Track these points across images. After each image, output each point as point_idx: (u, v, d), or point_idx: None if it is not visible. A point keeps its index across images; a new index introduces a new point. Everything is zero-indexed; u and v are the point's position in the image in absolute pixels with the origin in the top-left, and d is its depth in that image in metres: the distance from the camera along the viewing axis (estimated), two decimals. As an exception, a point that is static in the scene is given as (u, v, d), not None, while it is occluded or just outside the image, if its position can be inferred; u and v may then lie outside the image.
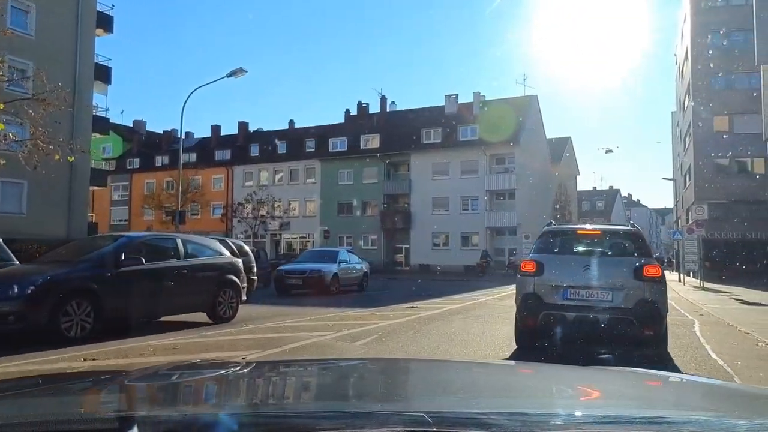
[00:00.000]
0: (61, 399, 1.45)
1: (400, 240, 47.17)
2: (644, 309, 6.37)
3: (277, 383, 1.80)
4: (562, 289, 6.67)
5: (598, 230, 7.94)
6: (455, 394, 1.64)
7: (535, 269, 6.89)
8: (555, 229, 7.98)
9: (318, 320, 10.38)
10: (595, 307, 6.52)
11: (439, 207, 45.15)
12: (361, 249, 46.56)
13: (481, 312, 12.49)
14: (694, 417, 1.26)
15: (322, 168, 50.32)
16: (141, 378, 1.82)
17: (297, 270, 16.49)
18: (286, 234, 51.55)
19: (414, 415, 1.12)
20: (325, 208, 49.28)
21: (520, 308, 6.98)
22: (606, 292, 6.57)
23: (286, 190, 51.54)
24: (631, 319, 6.41)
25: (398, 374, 2.01)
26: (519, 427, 1.07)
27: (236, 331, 8.72)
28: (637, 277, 6.54)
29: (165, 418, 1.13)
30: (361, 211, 48.25)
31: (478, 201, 43.90)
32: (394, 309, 12.47)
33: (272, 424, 1.09)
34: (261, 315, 10.92)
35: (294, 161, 51.54)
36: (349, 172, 49.10)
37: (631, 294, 6.49)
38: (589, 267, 6.74)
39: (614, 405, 1.51)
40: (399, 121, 50.12)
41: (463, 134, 45.07)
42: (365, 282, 18.88)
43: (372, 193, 47.76)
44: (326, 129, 53.08)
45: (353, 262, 18.29)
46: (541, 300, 6.70)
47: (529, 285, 6.86)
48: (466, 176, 44.11)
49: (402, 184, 47.21)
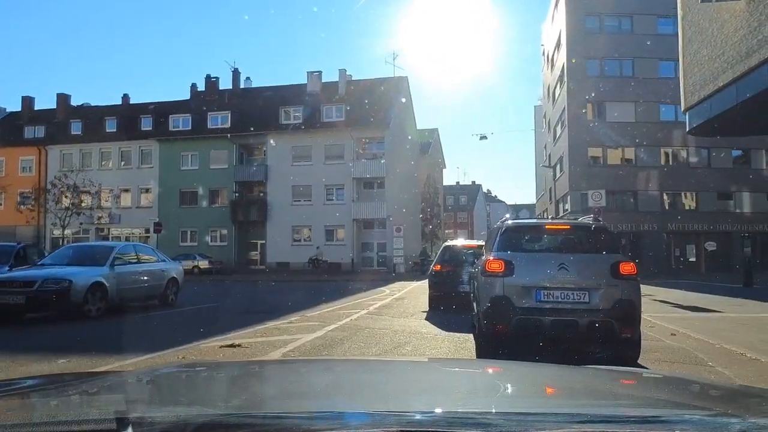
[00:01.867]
0: (57, 399, 1.48)
1: (255, 235, 40.82)
2: (622, 309, 5.91)
3: (272, 384, 1.81)
4: (535, 290, 6.03)
5: (567, 225, 7.31)
6: (450, 393, 1.65)
7: (504, 269, 6.12)
8: (520, 223, 7.37)
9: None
10: (572, 309, 5.96)
11: (300, 196, 39.49)
12: (209, 246, 39.75)
13: (358, 347, 7.29)
14: (687, 416, 1.25)
15: (161, 150, 42.32)
16: (136, 378, 1.84)
17: (18, 279, 9.66)
18: (116, 228, 42.89)
19: (409, 415, 1.15)
20: (165, 197, 41.45)
21: (487, 314, 6.17)
22: (582, 292, 6.01)
23: (115, 176, 42.86)
24: (610, 321, 5.88)
25: (393, 374, 2.02)
26: (515, 427, 1.06)
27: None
28: (614, 275, 6.01)
29: (159, 418, 1.11)
30: (208, 201, 41.10)
31: (344, 190, 38.87)
32: (190, 351, 6.80)
33: (267, 425, 1.07)
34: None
35: (126, 141, 42.95)
36: (194, 155, 41.70)
37: (609, 294, 5.99)
38: (564, 265, 6.05)
39: (607, 404, 1.52)
40: (254, 99, 43.66)
41: (327, 115, 39.78)
42: (171, 293, 12.72)
43: (221, 180, 40.86)
44: (168, 106, 45.07)
45: (145, 265, 11.97)
46: (512, 303, 5.99)
47: (498, 287, 6.11)
48: (331, 162, 38.90)
49: (257, 170, 40.80)
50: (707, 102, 14.26)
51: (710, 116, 14.25)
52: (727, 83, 13.06)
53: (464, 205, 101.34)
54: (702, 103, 14.52)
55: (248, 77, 47.08)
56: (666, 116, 36.63)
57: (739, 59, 12.51)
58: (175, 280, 13.02)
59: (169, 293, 12.76)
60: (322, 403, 1.44)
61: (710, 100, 14.11)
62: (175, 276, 13.01)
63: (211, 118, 41.93)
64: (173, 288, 12.93)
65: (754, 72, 12.03)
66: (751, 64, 12.01)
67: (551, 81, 45.50)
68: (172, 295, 12.86)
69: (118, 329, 8.82)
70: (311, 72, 44.07)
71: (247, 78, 47.17)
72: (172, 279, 12.85)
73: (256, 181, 41.01)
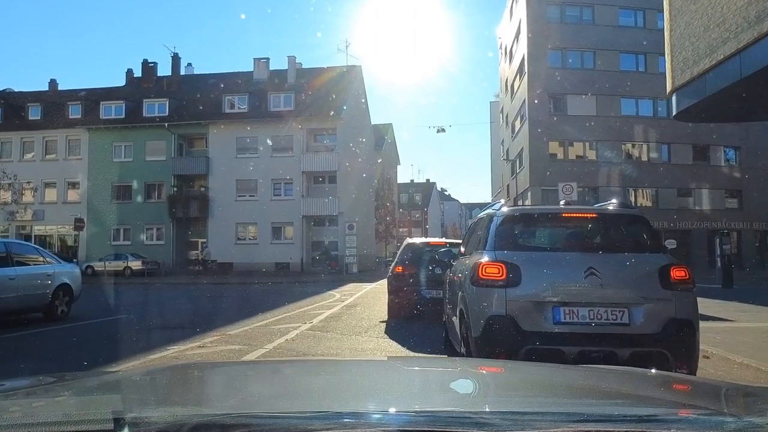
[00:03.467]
0: (54, 399, 1.47)
1: (196, 233, 37.63)
2: (678, 334, 4.20)
3: (268, 384, 1.78)
4: (551, 306, 4.25)
5: (594, 213, 5.10)
6: (447, 393, 1.66)
7: (505, 276, 4.31)
8: (524, 211, 5.44)
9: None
10: (608, 334, 4.17)
11: (245, 191, 36.54)
12: (144, 245, 36.35)
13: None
14: (683, 415, 1.26)
15: (90, 140, 38.54)
16: (133, 378, 1.84)
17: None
18: (40, 225, 38.87)
19: (405, 415, 1.16)
20: (95, 191, 37.77)
21: (482, 343, 4.35)
22: (620, 310, 4.22)
23: (39, 169, 38.84)
24: (662, 351, 4.14)
25: (389, 374, 1.99)
26: (511, 426, 1.05)
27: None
28: (664, 284, 4.29)
29: (156, 418, 1.10)
30: (143, 195, 37.63)
31: (293, 184, 36.16)
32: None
33: (262, 425, 1.06)
34: None
35: (51, 130, 38.98)
36: (128, 146, 38.12)
37: (658, 311, 4.26)
38: (594, 271, 4.25)
39: (604, 403, 1.51)
40: (196, 87, 40.43)
41: (275, 104, 36.97)
42: (62, 303, 9.98)
43: (159, 174, 37.47)
44: (100, 93, 41.29)
45: (22, 268, 9.10)
46: (519, 326, 4.24)
47: (497, 302, 4.31)
48: (279, 154, 36.12)
49: (198, 163, 37.56)
50: (701, 80, 12.56)
51: (704, 96, 12.55)
52: (729, 55, 11.35)
53: (418, 203, 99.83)
54: (694, 81, 12.83)
55: (190, 63, 43.99)
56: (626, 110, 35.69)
57: (746, 26, 10.78)
58: (67, 288, 10.30)
59: (59, 304, 10.06)
60: (318, 403, 1.42)
61: (705, 77, 12.41)
62: (67, 282, 10.30)
63: (148, 105, 38.43)
64: (65, 297, 10.23)
65: (766, 40, 10.33)
66: (762, 30, 10.30)
67: (509, 74, 44.07)
68: (62, 307, 10.17)
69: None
70: (258, 59, 41.15)
71: (188, 64, 43.95)
72: (62, 286, 10.14)
73: (197, 175, 37.77)
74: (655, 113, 35.77)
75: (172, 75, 42.44)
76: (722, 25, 11.55)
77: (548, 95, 35.42)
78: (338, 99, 36.73)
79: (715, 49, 11.82)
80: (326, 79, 38.22)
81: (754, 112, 14.78)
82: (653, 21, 35.43)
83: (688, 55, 12.98)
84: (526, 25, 36.21)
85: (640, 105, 35.58)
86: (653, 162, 36.12)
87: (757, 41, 10.49)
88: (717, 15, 11.75)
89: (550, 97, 35.50)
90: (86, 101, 39.78)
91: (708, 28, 12.14)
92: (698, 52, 12.55)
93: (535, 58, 35.42)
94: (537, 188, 34.83)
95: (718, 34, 11.70)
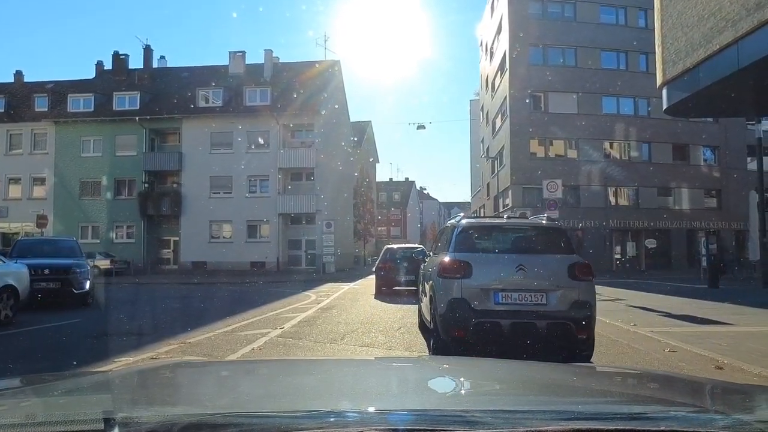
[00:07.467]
0: (43, 400, 1.45)
1: (168, 231, 36.39)
2: (579, 311, 5.81)
3: (259, 383, 1.77)
4: (492, 292, 5.85)
5: (525, 225, 6.97)
6: (437, 392, 1.65)
7: (462, 270, 5.93)
8: (476, 223, 7.05)
9: None
10: (531, 311, 5.82)
11: (220, 188, 35.41)
12: (113, 243, 35.01)
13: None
14: (672, 412, 1.25)
15: (57, 134, 37.02)
16: (123, 378, 1.81)
17: None
18: (3, 223, 37.23)
19: (396, 414, 1.16)
20: (62, 187, 36.29)
21: (445, 318, 5.92)
22: (540, 294, 5.85)
23: (2, 163, 37.27)
24: (568, 323, 5.77)
25: (379, 373, 1.99)
26: (502, 425, 1.06)
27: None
28: (571, 276, 5.93)
29: (146, 418, 1.09)
30: (113, 192, 36.26)
31: (269, 181, 35.11)
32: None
33: (253, 424, 1.05)
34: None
35: (15, 123, 37.36)
36: (98, 140, 36.70)
37: (566, 296, 5.88)
38: (522, 266, 5.91)
39: (594, 401, 1.51)
40: (169, 80, 39.22)
41: (251, 98, 35.88)
42: (6, 307, 8.86)
43: (129, 169, 36.13)
44: (67, 85, 39.71)
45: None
46: (470, 306, 5.81)
47: (455, 289, 5.90)
48: (255, 150, 35.05)
49: (170, 158, 36.28)
50: (695, 71, 12.01)
51: (698, 88, 12.01)
52: (725, 45, 10.80)
53: (397, 202, 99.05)
54: (687, 73, 12.27)
55: (163, 56, 42.43)
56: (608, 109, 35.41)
57: (745, 14, 10.23)
58: (13, 290, 9.31)
59: (2, 308, 9.07)
60: (309, 403, 1.41)
61: (699, 69, 11.85)
62: (12, 283, 9.30)
63: (118, 99, 37.04)
64: (9, 300, 9.23)
65: (766, 28, 9.78)
66: (763, 18, 9.76)
67: (490, 71, 43.58)
68: (6, 311, 9.16)
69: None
70: (234, 52, 39.99)
71: (161, 57, 42.48)
72: (6, 287, 9.15)
73: (170, 171, 36.50)
74: (636, 112, 35.58)
75: (144, 68, 41.09)
76: (718, 13, 11.00)
77: (529, 92, 34.96)
78: (317, 94, 35.80)
79: (710, 39, 11.26)
80: (304, 75, 37.27)
81: (752, 104, 14.31)
82: (635, 19, 35.23)
83: (681, 47, 12.42)
84: (507, 21, 35.70)
85: (621, 103, 35.32)
86: (633, 161, 35.91)
87: (756, 29, 9.96)
88: (713, 3, 11.19)
89: (531, 94, 35.04)
90: (53, 94, 38.26)
91: (702, 17, 11.59)
92: (692, 43, 11.99)
93: (516, 54, 34.92)
94: (518, 186, 34.38)
95: (714, 23, 11.15)
